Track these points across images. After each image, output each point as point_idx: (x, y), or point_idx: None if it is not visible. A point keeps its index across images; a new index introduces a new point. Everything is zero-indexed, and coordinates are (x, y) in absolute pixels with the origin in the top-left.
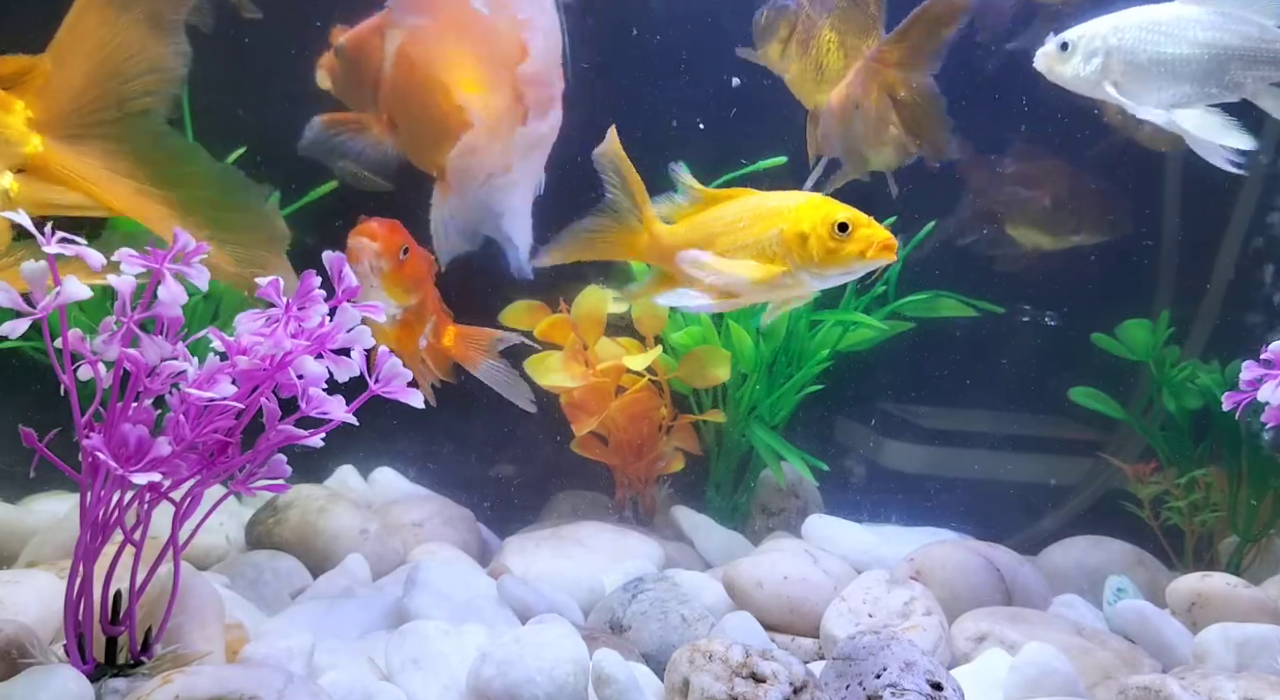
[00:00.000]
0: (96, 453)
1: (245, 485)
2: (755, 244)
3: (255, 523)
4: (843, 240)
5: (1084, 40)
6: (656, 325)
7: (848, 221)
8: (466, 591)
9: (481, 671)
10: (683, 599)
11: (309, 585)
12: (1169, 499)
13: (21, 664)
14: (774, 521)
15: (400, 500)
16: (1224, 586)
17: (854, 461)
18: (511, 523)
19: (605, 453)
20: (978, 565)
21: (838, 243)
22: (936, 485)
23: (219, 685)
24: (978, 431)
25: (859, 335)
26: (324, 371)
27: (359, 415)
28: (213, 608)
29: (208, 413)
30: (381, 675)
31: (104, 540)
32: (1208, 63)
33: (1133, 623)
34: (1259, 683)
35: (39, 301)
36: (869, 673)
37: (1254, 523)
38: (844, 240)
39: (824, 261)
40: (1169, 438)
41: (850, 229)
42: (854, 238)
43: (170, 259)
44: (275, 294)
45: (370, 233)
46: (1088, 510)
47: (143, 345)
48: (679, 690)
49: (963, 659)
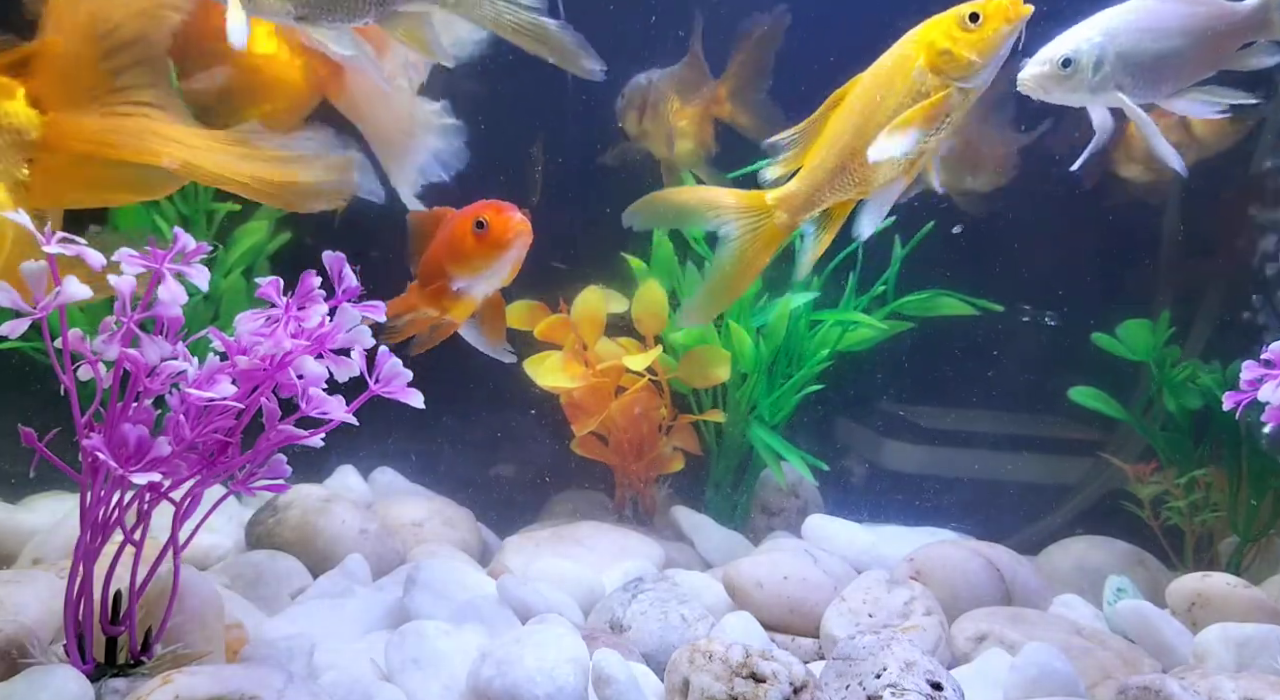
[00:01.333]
0: (96, 453)
1: (245, 485)
2: (911, 95)
3: (255, 523)
4: (980, 25)
5: (1085, 52)
6: (656, 325)
7: (974, 11)
8: (466, 591)
9: (481, 671)
10: (683, 599)
11: (309, 585)
12: (1169, 499)
13: (21, 664)
14: (774, 521)
15: (400, 500)
16: (1224, 586)
17: (854, 461)
18: (511, 523)
19: (605, 453)
20: (978, 565)
21: (978, 29)
22: (936, 485)
23: (219, 685)
24: (978, 431)
25: (859, 335)
26: (324, 371)
27: (359, 415)
28: (213, 608)
29: (208, 413)
30: (381, 675)
31: (104, 540)
32: (1198, 48)
33: (1133, 623)
34: (1259, 683)
35: (39, 302)
36: (869, 673)
37: (1254, 523)
38: (981, 23)
39: (981, 53)
40: (1169, 438)
41: (979, 15)
42: (988, 15)
43: (170, 259)
44: (275, 294)
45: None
46: (1088, 510)
47: (143, 345)
48: (679, 690)
49: (963, 659)
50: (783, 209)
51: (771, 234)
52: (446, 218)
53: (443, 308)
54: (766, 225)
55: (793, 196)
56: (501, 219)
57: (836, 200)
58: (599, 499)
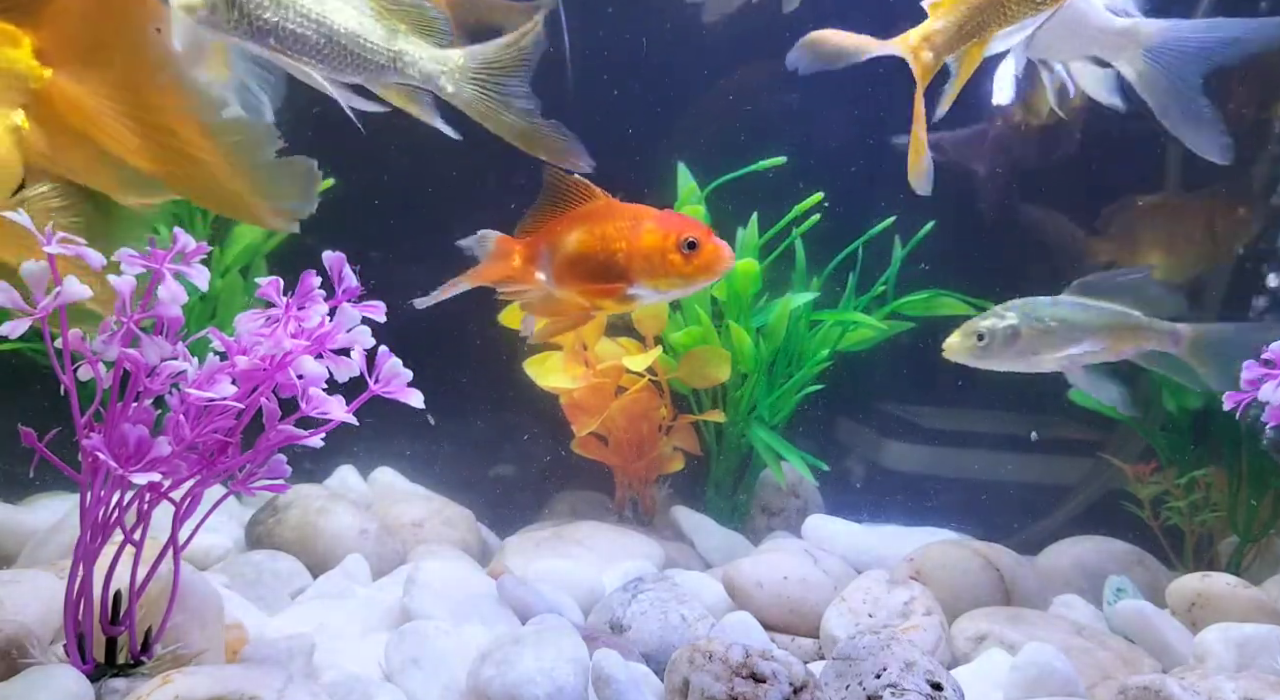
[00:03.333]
0: (96, 453)
1: (245, 485)
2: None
3: (255, 523)
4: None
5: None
6: (656, 325)
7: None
8: (466, 591)
9: (481, 671)
10: (683, 599)
11: (309, 585)
12: (1169, 499)
13: (21, 664)
14: (774, 521)
15: (400, 500)
16: (1224, 586)
17: (854, 461)
18: (511, 523)
19: (605, 453)
20: (978, 565)
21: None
22: (936, 485)
23: (219, 685)
24: (978, 431)
25: (859, 335)
26: (324, 371)
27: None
28: (213, 608)
29: (207, 413)
30: (381, 675)
31: (104, 540)
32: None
33: (1133, 623)
34: (1259, 683)
35: (39, 302)
36: (869, 673)
37: (1254, 523)
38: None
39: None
40: (1169, 438)
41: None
42: None
43: (170, 259)
44: (275, 294)
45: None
46: (1088, 510)
47: (143, 345)
48: (679, 690)
49: (963, 659)
50: (927, 48)
51: (920, 72)
52: (616, 209)
53: (598, 305)
54: (914, 67)
55: (935, 34)
56: (714, 246)
57: (979, 36)
58: (599, 499)
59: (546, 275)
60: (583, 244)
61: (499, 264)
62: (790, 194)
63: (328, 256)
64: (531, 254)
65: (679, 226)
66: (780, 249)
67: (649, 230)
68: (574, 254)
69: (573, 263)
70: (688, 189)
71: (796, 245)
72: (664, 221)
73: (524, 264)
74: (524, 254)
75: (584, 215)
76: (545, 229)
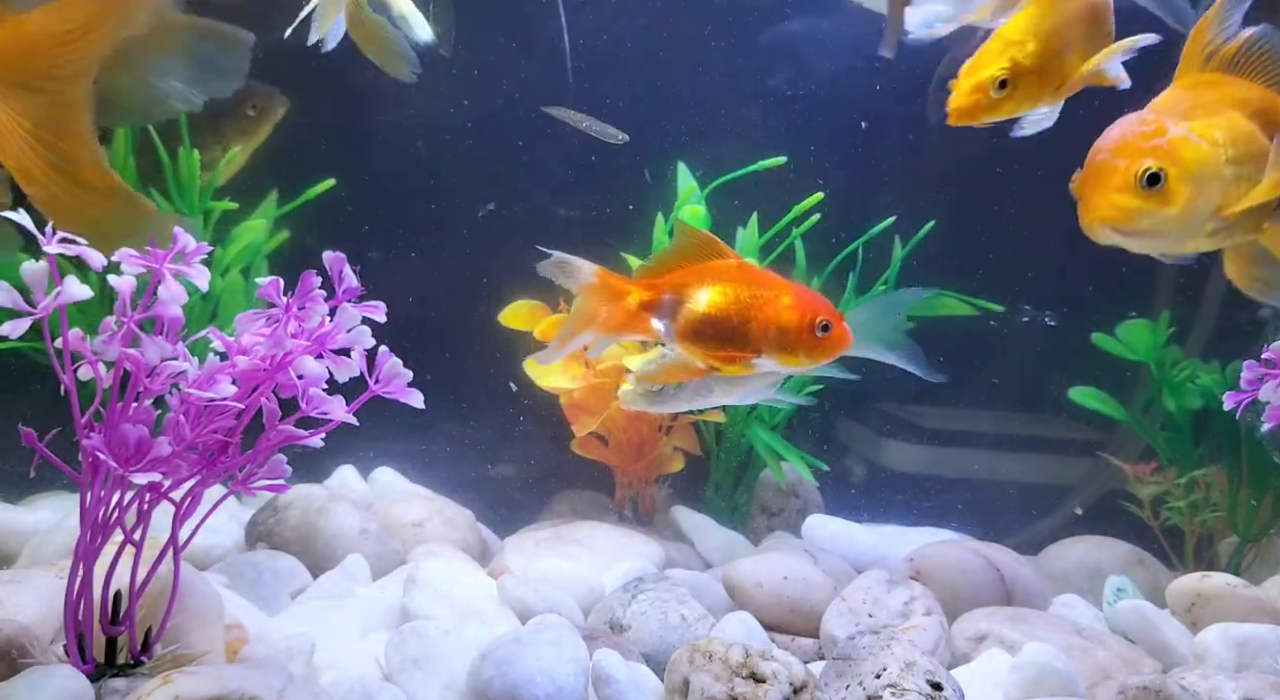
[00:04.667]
0: (97, 453)
1: (245, 485)
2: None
3: (255, 523)
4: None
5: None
6: None
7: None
8: (466, 591)
9: (481, 671)
10: (683, 599)
11: (309, 585)
12: (1169, 499)
13: (21, 664)
14: (774, 521)
15: (400, 500)
16: (1224, 586)
17: (854, 461)
18: (511, 523)
19: (605, 453)
20: (978, 565)
21: None
22: (936, 485)
23: (219, 685)
24: (978, 431)
25: None
26: (324, 372)
27: (358, 415)
28: (213, 608)
29: (208, 413)
30: (381, 675)
31: (104, 540)
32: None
33: (1133, 623)
34: (1259, 683)
35: (39, 302)
36: (869, 673)
37: (1254, 523)
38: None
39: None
40: (1169, 438)
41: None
42: None
43: (170, 259)
44: (275, 294)
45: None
46: (1088, 510)
47: (143, 345)
48: (679, 690)
49: (963, 659)
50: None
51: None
52: (750, 275)
53: (717, 367)
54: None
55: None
56: (843, 330)
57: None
58: (599, 499)
59: (666, 328)
60: (718, 307)
61: (614, 307)
62: (792, 194)
63: (328, 256)
64: (652, 302)
65: (815, 307)
66: (780, 249)
67: (788, 307)
68: (708, 315)
69: (704, 323)
70: (688, 189)
71: (797, 245)
72: (801, 299)
73: (640, 311)
74: (643, 300)
75: (717, 275)
76: (671, 280)
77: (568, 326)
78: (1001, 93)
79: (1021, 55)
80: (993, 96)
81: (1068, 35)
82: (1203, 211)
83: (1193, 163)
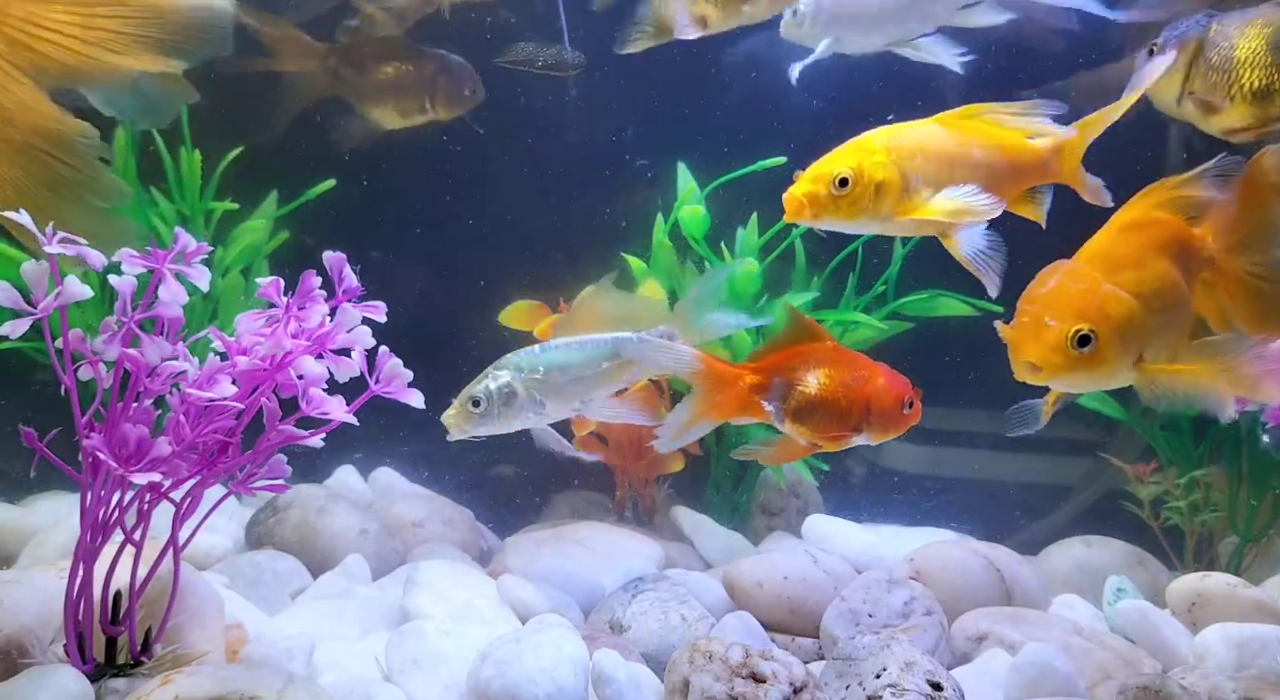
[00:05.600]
0: (97, 453)
1: (245, 485)
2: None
3: (255, 523)
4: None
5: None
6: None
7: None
8: (466, 591)
9: (481, 671)
10: (683, 599)
11: (309, 585)
12: (1169, 499)
13: (21, 664)
14: (774, 521)
15: (400, 500)
16: (1224, 586)
17: (854, 461)
18: (511, 523)
19: (605, 453)
20: (978, 565)
21: None
22: (936, 485)
23: (219, 685)
24: (978, 431)
25: (859, 335)
26: (324, 372)
27: (358, 415)
28: (213, 608)
29: (208, 413)
30: (381, 675)
31: (104, 540)
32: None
33: (1133, 623)
34: (1259, 683)
35: (39, 301)
36: (869, 673)
37: (1254, 523)
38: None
39: None
40: (1169, 438)
41: None
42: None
43: (171, 259)
44: (276, 294)
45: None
46: (1088, 510)
47: (143, 345)
48: (679, 690)
49: (963, 659)
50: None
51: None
52: (844, 356)
53: (822, 445)
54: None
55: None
56: (919, 405)
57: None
58: (599, 499)
59: (776, 410)
60: (826, 389)
61: (729, 393)
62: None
63: (328, 256)
64: (764, 385)
65: (902, 387)
66: (780, 249)
67: (884, 388)
68: (817, 397)
69: (814, 405)
70: (688, 189)
71: (796, 245)
72: (892, 380)
73: (751, 394)
74: (756, 385)
75: (817, 357)
76: (774, 363)
77: (691, 414)
78: (842, 191)
79: (870, 163)
80: (832, 193)
81: (927, 170)
82: (1128, 361)
83: (1123, 321)
